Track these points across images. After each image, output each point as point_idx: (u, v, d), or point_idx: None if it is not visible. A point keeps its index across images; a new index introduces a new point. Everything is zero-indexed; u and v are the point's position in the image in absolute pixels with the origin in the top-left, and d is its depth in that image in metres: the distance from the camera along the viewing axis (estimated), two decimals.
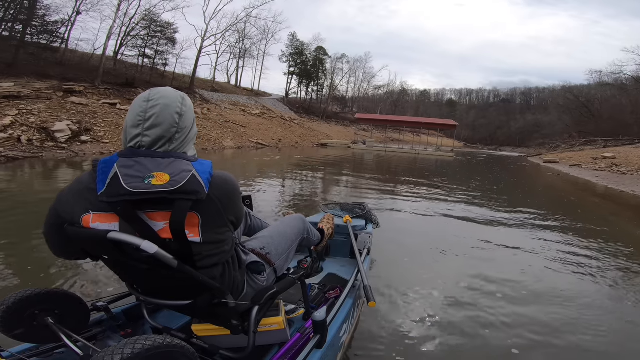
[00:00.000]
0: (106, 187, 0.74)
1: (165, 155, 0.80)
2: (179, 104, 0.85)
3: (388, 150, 27.87)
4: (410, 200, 6.32)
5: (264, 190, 6.44)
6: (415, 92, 73.40)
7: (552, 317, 2.19)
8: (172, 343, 0.69)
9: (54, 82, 14.93)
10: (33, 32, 18.44)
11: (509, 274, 2.87)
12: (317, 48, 43.27)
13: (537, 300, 2.43)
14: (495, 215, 5.39)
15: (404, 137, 40.97)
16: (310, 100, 43.00)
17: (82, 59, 20.49)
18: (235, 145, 18.52)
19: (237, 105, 27.49)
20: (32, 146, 8.75)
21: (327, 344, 1.15)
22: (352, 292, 1.52)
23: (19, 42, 17.08)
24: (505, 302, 2.37)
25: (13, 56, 16.26)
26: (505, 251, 3.57)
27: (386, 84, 56.02)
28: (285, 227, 1.31)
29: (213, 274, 0.86)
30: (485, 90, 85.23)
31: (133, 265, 0.80)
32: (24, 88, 12.42)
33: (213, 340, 1.05)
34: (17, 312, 0.88)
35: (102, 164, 0.77)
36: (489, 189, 9.20)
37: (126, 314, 1.20)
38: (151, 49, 23.82)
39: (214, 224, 0.82)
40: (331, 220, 1.79)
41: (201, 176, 0.78)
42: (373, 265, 2.66)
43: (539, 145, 41.38)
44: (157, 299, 0.92)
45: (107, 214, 0.76)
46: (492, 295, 2.45)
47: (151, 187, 0.73)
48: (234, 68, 36.01)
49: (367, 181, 8.81)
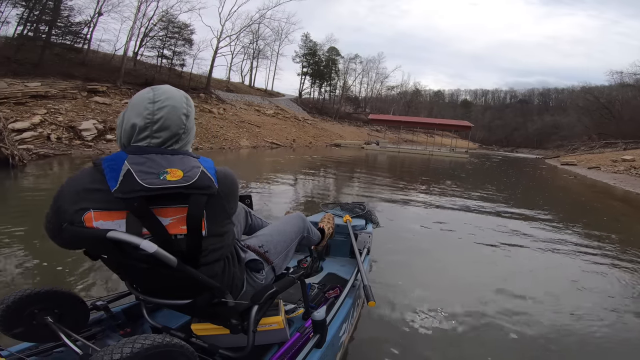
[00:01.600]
0: (119, 184, 0.73)
1: (174, 152, 0.81)
2: (185, 105, 0.86)
3: (401, 151, 27.68)
4: (419, 201, 6.27)
5: (285, 189, 6.52)
6: (429, 93, 72.84)
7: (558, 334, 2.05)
8: (171, 342, 0.68)
9: (78, 82, 15.44)
10: (58, 32, 19.07)
11: (514, 278, 2.78)
12: (330, 48, 43.37)
13: (545, 308, 2.34)
14: (505, 217, 5.29)
15: (417, 138, 40.60)
16: (323, 101, 43.09)
17: (104, 60, 21.08)
18: (251, 145, 18.75)
19: (252, 105, 27.80)
20: (61, 144, 9.12)
21: (327, 343, 1.15)
22: (351, 291, 1.52)
23: (44, 43, 17.70)
24: (506, 304, 2.32)
25: (39, 56, 16.88)
26: (509, 254, 3.48)
27: (399, 85, 55.74)
28: (285, 225, 1.31)
29: (214, 270, 0.87)
30: (501, 90, 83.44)
31: (132, 265, 0.80)
32: (51, 88, 12.90)
33: (212, 340, 1.04)
34: (17, 311, 0.88)
35: (109, 161, 0.76)
36: (502, 189, 9.06)
37: (125, 313, 1.20)
38: (169, 50, 24.35)
39: (218, 217, 0.83)
40: (331, 220, 1.78)
41: (209, 172, 0.81)
42: (373, 265, 2.65)
43: (557, 147, 40.33)
44: (156, 298, 0.91)
45: (112, 212, 0.75)
46: (495, 299, 2.39)
47: (167, 182, 0.74)
48: (248, 68, 36.49)
49: (381, 180, 8.82)
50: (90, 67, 18.77)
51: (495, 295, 2.44)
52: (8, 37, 18.01)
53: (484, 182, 10.58)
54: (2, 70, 14.06)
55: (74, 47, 19.68)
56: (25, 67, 15.38)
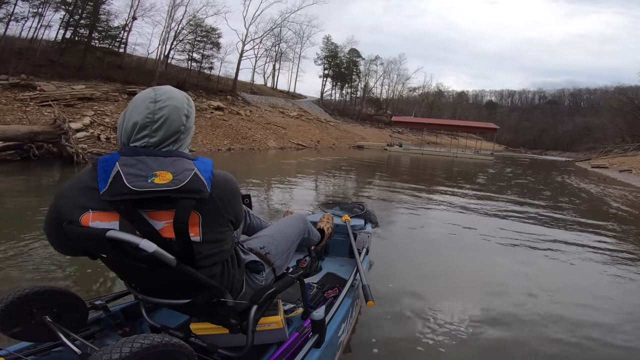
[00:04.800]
0: (108, 185, 0.73)
1: (168, 154, 0.79)
2: (186, 105, 0.85)
3: (425, 153, 27.27)
4: (434, 202, 6.17)
5: (318, 187, 6.58)
6: (452, 94, 71.31)
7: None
8: (170, 342, 0.68)
9: (118, 85, 16.21)
10: (99, 37, 20.09)
11: (520, 282, 2.73)
12: (351, 50, 43.40)
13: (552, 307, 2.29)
14: (519, 220, 5.13)
15: (440, 140, 39.87)
16: (344, 103, 43.10)
17: (139, 63, 22.04)
18: (278, 146, 19.03)
19: (276, 107, 28.19)
20: (110, 144, 9.62)
21: (326, 343, 1.14)
22: (350, 291, 1.51)
23: (86, 46, 18.71)
24: (507, 307, 2.27)
25: (81, 60, 17.86)
26: (522, 259, 3.36)
27: (421, 86, 54.93)
28: (286, 227, 1.29)
29: (212, 273, 0.85)
30: (529, 91, 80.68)
31: (131, 264, 0.79)
32: (95, 90, 13.61)
33: (211, 339, 1.04)
34: (15, 311, 0.87)
35: (103, 162, 0.76)
36: (526, 190, 8.77)
37: (124, 313, 1.19)
38: (198, 53, 25.16)
39: (214, 223, 0.81)
40: (330, 220, 1.76)
41: (203, 175, 0.78)
42: (372, 265, 2.64)
43: (589, 150, 38.59)
44: (155, 298, 0.91)
45: (107, 213, 0.75)
46: (496, 302, 2.35)
47: (154, 186, 0.73)
48: (271, 70, 37.08)
49: (403, 183, 8.73)
50: (127, 70, 19.67)
51: (499, 301, 2.39)
52: (50, 40, 19.18)
53: (512, 185, 10.28)
54: (48, 73, 15.00)
55: (113, 51, 20.67)
56: (69, 70, 16.33)
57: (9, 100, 11.29)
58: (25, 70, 13.91)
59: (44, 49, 17.67)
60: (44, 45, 18.21)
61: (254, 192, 5.80)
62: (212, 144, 15.00)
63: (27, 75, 13.46)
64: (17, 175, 5.92)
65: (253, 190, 5.99)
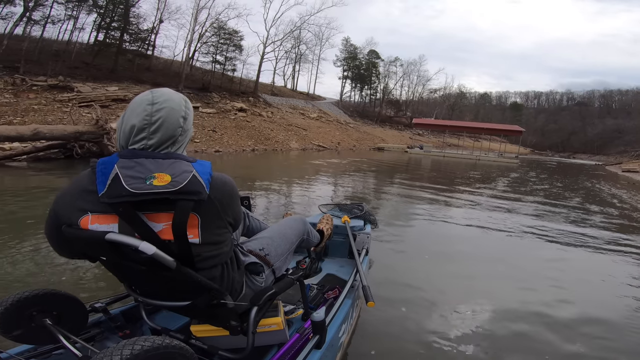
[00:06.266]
0: (107, 188, 0.73)
1: (166, 156, 0.79)
2: (184, 108, 0.85)
3: (446, 155, 26.67)
4: (450, 205, 5.98)
5: (352, 186, 6.48)
6: (475, 95, 69.59)
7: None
8: (170, 344, 0.68)
9: (147, 87, 16.68)
10: (130, 39, 20.77)
11: (533, 287, 2.65)
12: (370, 52, 43.11)
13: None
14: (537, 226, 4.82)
15: (463, 143, 38.94)
16: (364, 104, 42.86)
17: (165, 65, 22.66)
18: (299, 147, 19.09)
19: (296, 108, 28.33)
20: None
21: (326, 344, 1.14)
22: (350, 292, 1.51)
23: (118, 49, 19.40)
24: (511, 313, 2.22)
25: (113, 62, 18.54)
26: (536, 263, 3.28)
27: (442, 87, 53.87)
28: (286, 228, 1.28)
29: (212, 275, 0.85)
30: (556, 92, 77.74)
31: (131, 267, 0.79)
32: (127, 92, 14.06)
33: (212, 341, 1.03)
34: (15, 313, 0.87)
35: (102, 164, 0.76)
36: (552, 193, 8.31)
37: (124, 315, 1.18)
38: (221, 55, 25.63)
39: (213, 225, 0.81)
40: (330, 221, 1.75)
41: (202, 177, 0.77)
42: (372, 266, 2.63)
43: (620, 153, 36.72)
44: (155, 300, 0.90)
45: (106, 215, 0.75)
46: (498, 304, 2.32)
47: (153, 187, 0.72)
48: (290, 72, 37.33)
49: (423, 184, 8.49)
50: (155, 72, 20.27)
51: (502, 303, 2.35)
52: (83, 42, 19.98)
53: (537, 189, 9.82)
54: (83, 75, 15.65)
55: (143, 54, 21.33)
56: (102, 72, 16.98)
57: (48, 101, 11.83)
58: (62, 72, 14.57)
59: (78, 51, 18.47)
60: (78, 47, 19.03)
61: (280, 190, 5.77)
62: (237, 144, 15.19)
63: (64, 77, 14.09)
64: (63, 172, 6.16)
65: (277, 189, 5.96)
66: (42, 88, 12.61)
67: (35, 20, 17.44)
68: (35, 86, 12.56)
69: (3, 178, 5.65)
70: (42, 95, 12.11)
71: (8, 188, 4.94)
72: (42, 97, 11.93)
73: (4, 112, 10.10)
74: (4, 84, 12.11)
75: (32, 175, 5.87)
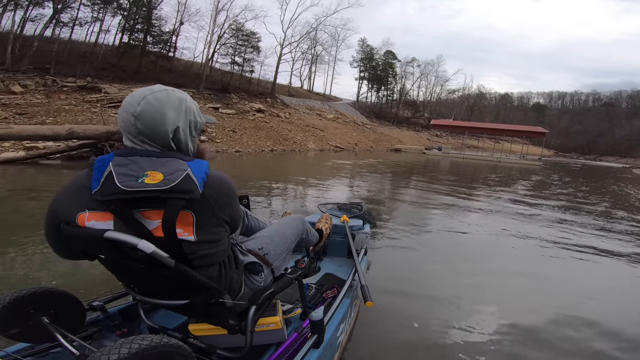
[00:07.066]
0: (100, 185, 0.73)
1: (161, 155, 0.78)
2: (176, 102, 0.83)
3: (466, 157, 26.03)
4: (463, 208, 5.71)
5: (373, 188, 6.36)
6: (495, 96, 67.76)
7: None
8: (168, 343, 0.67)
9: None
10: (153, 41, 21.28)
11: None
12: (386, 52, 42.68)
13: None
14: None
15: (483, 144, 38.00)
16: (380, 105, 42.48)
17: (186, 66, 23.10)
18: (317, 148, 19.06)
19: (313, 109, 28.33)
20: None
21: (325, 343, 1.13)
22: (349, 291, 1.51)
23: (141, 51, 19.90)
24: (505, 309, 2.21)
25: (137, 64, 19.02)
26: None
27: (461, 88, 52.72)
28: (285, 227, 1.29)
29: (209, 274, 0.85)
30: (581, 93, 74.83)
31: (129, 265, 0.79)
32: None
33: (210, 340, 1.03)
34: (12, 312, 0.87)
35: (99, 162, 0.76)
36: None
37: (122, 314, 1.18)
38: (240, 57, 25.92)
39: (209, 223, 0.80)
40: (329, 220, 1.74)
41: (196, 175, 0.77)
42: (370, 266, 2.62)
43: None
44: (153, 299, 0.90)
45: (102, 213, 0.75)
46: (504, 312, 2.24)
47: (144, 185, 0.72)
48: (307, 73, 37.40)
49: (446, 186, 8.22)
50: (177, 73, 20.68)
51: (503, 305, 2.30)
52: (108, 44, 20.58)
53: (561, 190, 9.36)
54: (110, 76, 16.13)
55: (165, 55, 21.82)
56: (127, 73, 17.46)
57: (78, 101, 12.22)
58: (89, 73, 15.07)
59: (104, 53, 19.06)
60: (104, 49, 19.65)
61: (297, 189, 5.70)
62: (257, 145, 15.29)
63: (92, 78, 14.55)
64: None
65: (294, 188, 5.89)
66: (71, 89, 13.05)
67: (64, 22, 18.12)
68: (66, 87, 13.03)
69: (38, 175, 5.85)
70: (72, 96, 12.53)
71: (42, 185, 5.09)
72: (72, 98, 12.34)
73: (37, 112, 10.49)
74: (36, 85, 12.61)
75: (66, 173, 6.04)
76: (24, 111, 10.25)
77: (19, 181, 5.42)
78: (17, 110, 10.19)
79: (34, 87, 12.40)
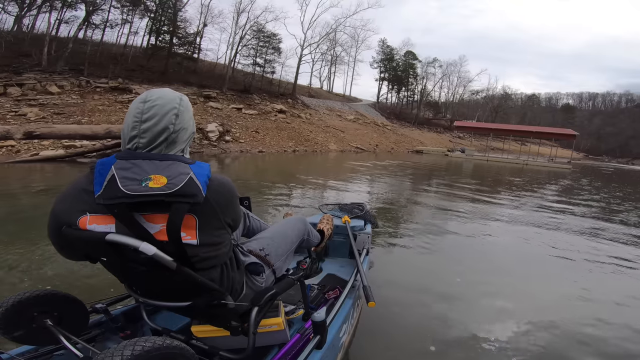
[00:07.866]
0: (103, 189, 0.73)
1: (164, 158, 0.78)
2: (177, 104, 0.83)
3: (490, 159, 25.21)
4: (482, 213, 5.40)
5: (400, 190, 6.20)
6: (521, 97, 65.27)
7: None
8: (171, 344, 0.68)
9: (194, 89, 17.43)
10: (179, 43, 21.81)
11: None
12: (407, 52, 41.98)
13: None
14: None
15: (508, 146, 36.72)
16: (401, 106, 41.87)
17: (209, 68, 23.54)
18: (338, 149, 18.97)
19: (333, 110, 28.25)
20: (195, 143, 10.28)
21: (327, 344, 1.14)
22: (351, 292, 1.52)
23: (168, 52, 20.44)
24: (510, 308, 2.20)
25: (164, 65, 19.55)
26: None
27: (485, 89, 51.14)
28: (286, 228, 1.28)
29: (211, 276, 0.86)
30: (614, 93, 71.20)
31: (131, 267, 0.79)
32: None
33: (213, 342, 1.04)
34: (16, 314, 0.88)
35: (100, 165, 0.76)
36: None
37: (125, 316, 1.19)
38: (261, 58, 26.19)
39: (211, 226, 0.80)
40: (330, 221, 1.75)
41: (199, 179, 0.77)
42: (372, 266, 2.61)
43: None
44: (156, 301, 0.91)
45: (104, 216, 0.75)
46: (504, 307, 2.28)
47: (148, 189, 0.72)
48: (326, 74, 37.36)
49: (464, 190, 7.87)
50: (201, 74, 21.10)
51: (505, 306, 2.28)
52: (137, 46, 21.22)
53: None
54: (139, 77, 16.64)
55: (190, 57, 22.32)
56: (155, 74, 17.97)
57: (110, 102, 12.68)
58: (120, 74, 15.61)
59: (134, 54, 19.71)
60: (133, 51, 20.32)
61: (317, 189, 5.61)
62: (279, 145, 15.38)
63: (123, 79, 15.06)
64: None
65: (313, 188, 5.80)
66: (104, 89, 13.56)
67: (96, 25, 18.86)
68: (99, 88, 13.55)
69: (75, 173, 6.09)
70: (105, 97, 13.01)
71: None
72: (104, 98, 12.81)
73: (73, 112, 10.95)
74: (71, 86, 13.17)
75: None
76: (61, 111, 10.73)
77: (54, 179, 5.64)
78: (54, 110, 10.68)
79: (69, 87, 12.96)
